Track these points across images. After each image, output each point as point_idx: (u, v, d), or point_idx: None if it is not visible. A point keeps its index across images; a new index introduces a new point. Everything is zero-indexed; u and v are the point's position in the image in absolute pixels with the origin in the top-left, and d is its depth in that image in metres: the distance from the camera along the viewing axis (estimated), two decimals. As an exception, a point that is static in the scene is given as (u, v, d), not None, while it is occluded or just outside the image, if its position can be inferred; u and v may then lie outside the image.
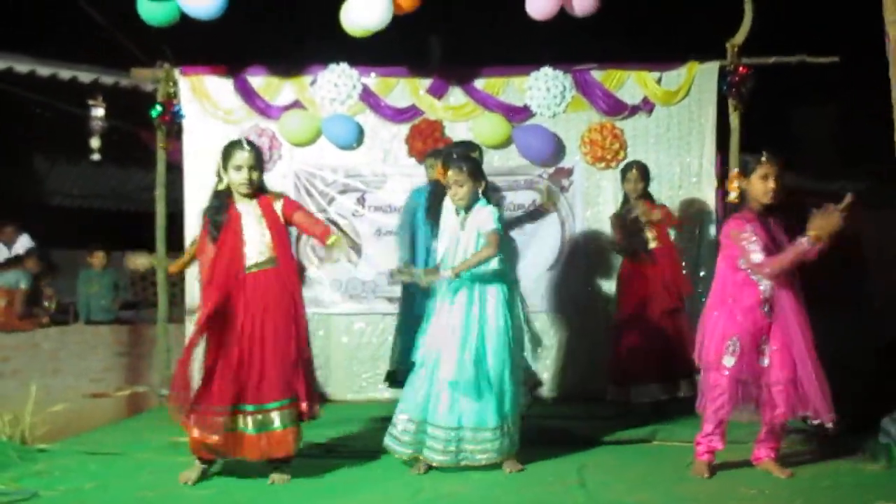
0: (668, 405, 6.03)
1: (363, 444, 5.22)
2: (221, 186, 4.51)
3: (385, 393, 6.57)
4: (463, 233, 4.66)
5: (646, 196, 6.32)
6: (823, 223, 4.16)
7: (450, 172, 4.64)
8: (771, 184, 4.36)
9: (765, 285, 4.36)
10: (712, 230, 6.90)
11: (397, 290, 6.35)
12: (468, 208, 4.66)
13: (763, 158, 4.41)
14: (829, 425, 4.33)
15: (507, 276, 4.70)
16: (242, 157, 4.45)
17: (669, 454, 4.99)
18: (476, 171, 4.68)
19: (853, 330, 8.51)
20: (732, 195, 4.51)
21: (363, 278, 7.06)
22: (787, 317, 4.36)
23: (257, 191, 4.52)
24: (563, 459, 4.86)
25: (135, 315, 9.53)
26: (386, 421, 4.87)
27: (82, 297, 9.07)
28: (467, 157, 4.82)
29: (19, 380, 7.37)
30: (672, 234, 6.44)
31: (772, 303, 4.37)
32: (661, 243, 6.24)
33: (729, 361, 4.36)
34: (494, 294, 4.60)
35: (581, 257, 7.05)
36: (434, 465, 4.55)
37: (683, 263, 6.60)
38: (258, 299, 4.41)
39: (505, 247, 4.73)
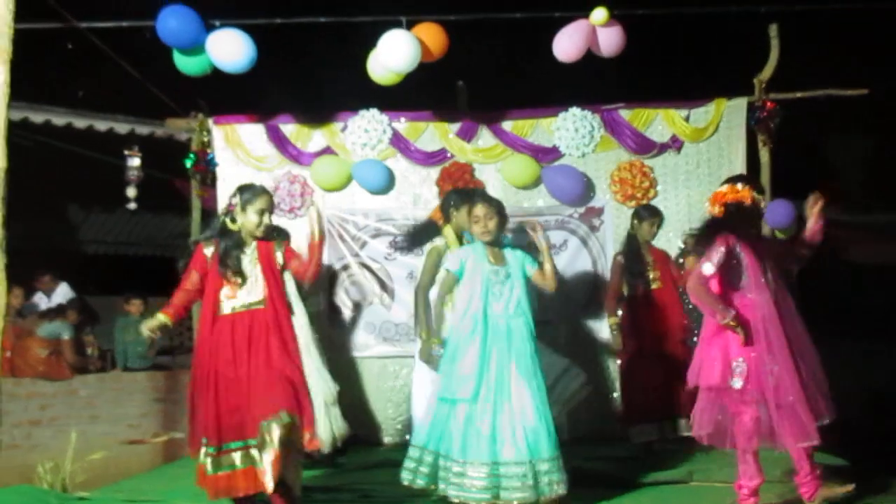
0: (667, 444, 6.08)
1: (400, 489, 5.20)
2: (235, 227, 4.57)
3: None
4: (501, 268, 4.68)
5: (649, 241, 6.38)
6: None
7: (479, 206, 4.70)
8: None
9: (763, 305, 4.30)
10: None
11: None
12: (494, 243, 4.72)
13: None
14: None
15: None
16: (265, 201, 4.56)
17: (707, 494, 4.94)
18: (502, 207, 4.79)
19: (884, 361, 8.42)
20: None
21: (396, 321, 7.09)
22: (789, 330, 4.30)
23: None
24: (600, 503, 4.82)
25: (171, 360, 9.59)
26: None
27: (119, 344, 9.14)
28: (488, 194, 4.92)
29: (57, 427, 7.46)
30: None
31: (771, 319, 4.30)
32: (662, 284, 6.25)
33: (737, 384, 4.27)
34: (528, 327, 4.67)
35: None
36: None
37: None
38: (243, 338, 4.45)
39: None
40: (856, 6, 6.64)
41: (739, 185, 4.50)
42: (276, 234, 4.71)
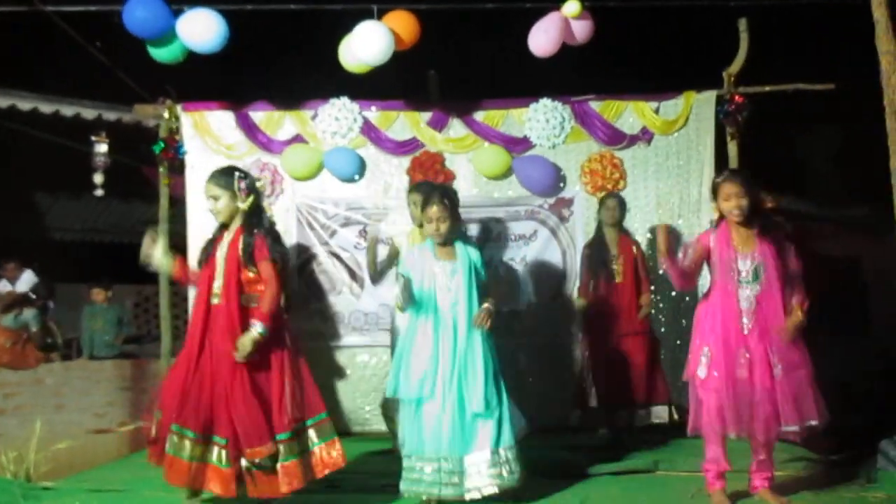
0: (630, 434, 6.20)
1: (368, 479, 5.20)
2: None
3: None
4: (448, 263, 4.69)
5: (620, 228, 6.48)
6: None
7: (434, 209, 4.68)
8: (733, 202, 4.39)
9: (746, 295, 4.37)
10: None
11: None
12: (444, 243, 4.73)
13: (721, 179, 4.46)
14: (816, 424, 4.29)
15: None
16: (209, 186, 4.63)
17: (673, 484, 4.99)
18: (455, 209, 4.77)
19: (854, 354, 8.53)
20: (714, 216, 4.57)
21: (366, 310, 7.07)
22: (770, 330, 4.34)
23: (244, 226, 4.56)
24: (565, 493, 4.85)
25: (138, 349, 9.54)
26: (390, 454, 4.84)
27: (86, 332, 9.08)
28: (446, 193, 4.83)
29: (23, 416, 7.38)
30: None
31: (752, 317, 4.35)
32: (625, 278, 6.33)
33: (702, 372, 4.36)
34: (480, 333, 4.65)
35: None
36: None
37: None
38: (213, 332, 4.45)
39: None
40: (822, 2, 6.69)
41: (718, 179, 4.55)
42: (256, 221, 4.60)
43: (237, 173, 4.62)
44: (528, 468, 4.64)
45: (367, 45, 6.25)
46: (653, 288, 6.59)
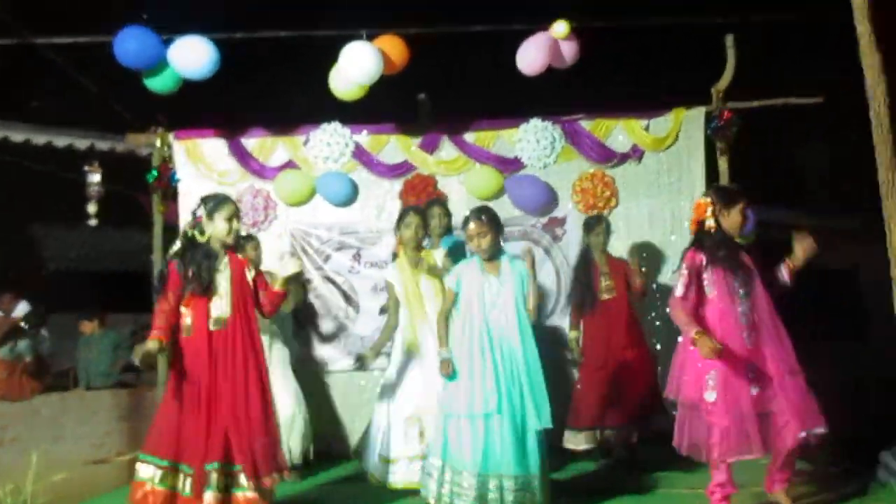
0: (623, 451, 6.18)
1: (366, 501, 5.20)
2: (202, 238, 4.56)
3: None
4: (495, 278, 4.79)
5: (605, 250, 6.48)
6: (704, 347, 4.21)
7: (472, 225, 4.81)
8: (741, 219, 4.50)
9: (743, 311, 4.37)
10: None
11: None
12: (490, 258, 4.83)
13: (741, 192, 4.56)
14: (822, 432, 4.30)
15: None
16: (232, 208, 4.60)
17: (675, 501, 4.97)
18: (497, 222, 4.89)
19: (852, 363, 8.52)
20: (710, 223, 4.54)
21: (361, 334, 7.07)
22: (769, 339, 4.36)
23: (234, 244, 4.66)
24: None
25: (135, 378, 9.50)
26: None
27: (82, 362, 9.05)
28: (485, 209, 4.98)
29: (19, 448, 7.33)
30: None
31: (752, 328, 4.36)
32: (616, 294, 6.33)
33: (710, 396, 4.31)
34: (527, 333, 4.79)
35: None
36: None
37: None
38: (219, 357, 4.45)
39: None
40: (807, 17, 6.75)
41: (701, 199, 4.58)
42: (244, 240, 4.71)
43: None
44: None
45: (355, 64, 6.29)
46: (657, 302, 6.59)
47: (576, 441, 6.23)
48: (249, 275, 4.63)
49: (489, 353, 4.69)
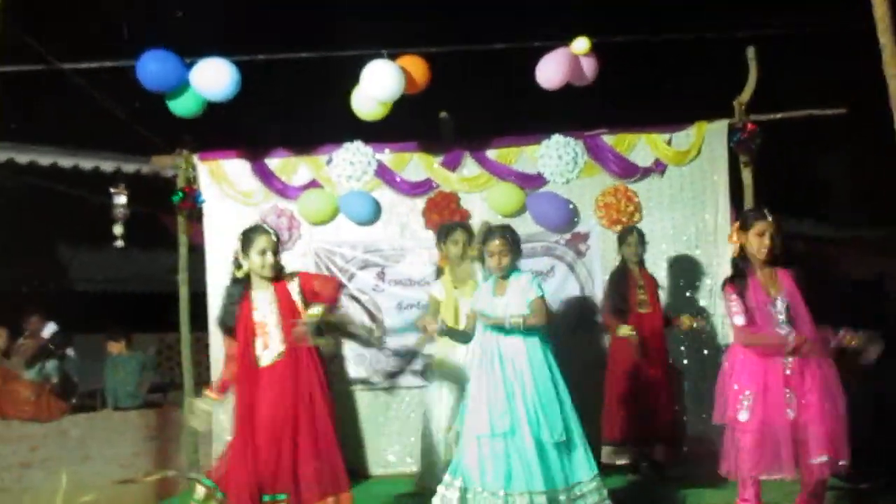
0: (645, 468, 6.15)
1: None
2: (241, 274, 4.58)
3: (413, 467, 6.57)
4: (500, 299, 4.78)
5: (641, 262, 6.47)
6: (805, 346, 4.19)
7: (496, 242, 4.79)
8: (766, 241, 4.40)
9: (787, 334, 4.32)
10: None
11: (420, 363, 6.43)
12: (505, 276, 4.82)
13: (759, 215, 4.46)
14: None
15: (547, 339, 4.84)
16: (265, 240, 4.55)
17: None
18: (516, 242, 4.89)
19: (880, 377, 8.42)
20: (735, 248, 4.54)
21: (386, 352, 7.07)
22: (813, 366, 4.31)
23: (276, 275, 4.59)
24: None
25: (163, 398, 9.56)
26: (417, 497, 4.81)
27: (109, 383, 9.11)
28: (506, 227, 4.98)
29: (49, 469, 7.41)
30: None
31: (793, 357, 4.31)
32: (651, 309, 6.31)
33: (743, 416, 4.30)
34: (542, 352, 4.75)
35: (601, 321, 7.04)
36: None
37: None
38: (276, 392, 4.44)
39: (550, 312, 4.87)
40: (828, 29, 6.72)
41: (729, 229, 4.55)
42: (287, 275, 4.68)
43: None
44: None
45: (377, 82, 6.32)
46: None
47: (613, 455, 6.20)
48: (295, 292, 4.59)
49: (500, 373, 4.65)
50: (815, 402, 4.27)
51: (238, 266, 4.58)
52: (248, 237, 4.57)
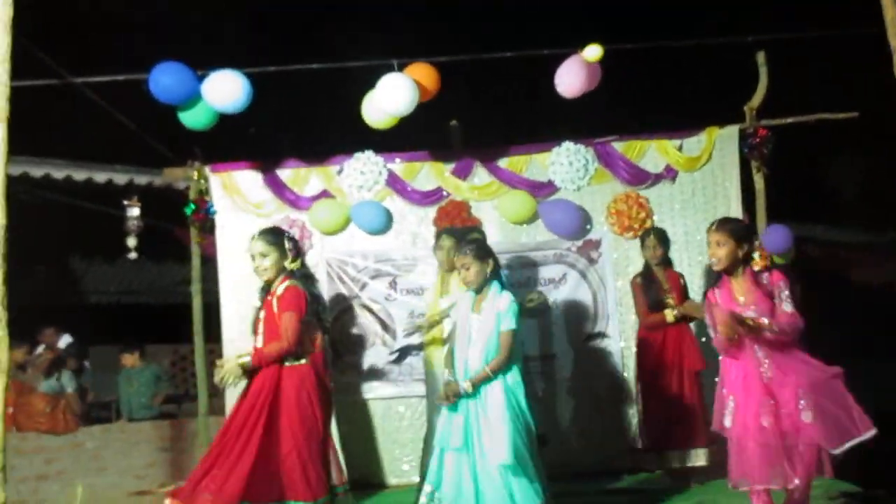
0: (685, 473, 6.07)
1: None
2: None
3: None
4: (477, 315, 4.70)
5: (666, 262, 6.41)
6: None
7: (459, 256, 4.76)
8: (714, 251, 4.44)
9: (759, 347, 4.30)
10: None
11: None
12: (480, 289, 4.74)
13: (709, 226, 4.55)
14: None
15: (510, 369, 4.67)
16: (253, 245, 4.72)
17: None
18: (481, 252, 4.75)
19: (893, 381, 8.37)
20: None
21: (399, 361, 7.08)
22: (790, 367, 4.28)
23: (283, 280, 4.69)
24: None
25: (177, 409, 9.58)
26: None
27: (123, 395, 9.14)
28: (471, 239, 4.94)
29: (64, 481, 7.44)
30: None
31: (770, 364, 4.28)
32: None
33: (727, 422, 4.31)
34: (500, 383, 4.59)
35: (614, 328, 7.04)
36: None
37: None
38: (261, 397, 4.52)
39: (517, 343, 4.71)
40: (839, 33, 6.70)
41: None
42: (305, 279, 4.72)
43: (286, 233, 4.82)
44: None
45: (392, 97, 6.33)
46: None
47: (646, 463, 6.18)
48: (275, 306, 4.65)
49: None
50: (795, 410, 4.20)
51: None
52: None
